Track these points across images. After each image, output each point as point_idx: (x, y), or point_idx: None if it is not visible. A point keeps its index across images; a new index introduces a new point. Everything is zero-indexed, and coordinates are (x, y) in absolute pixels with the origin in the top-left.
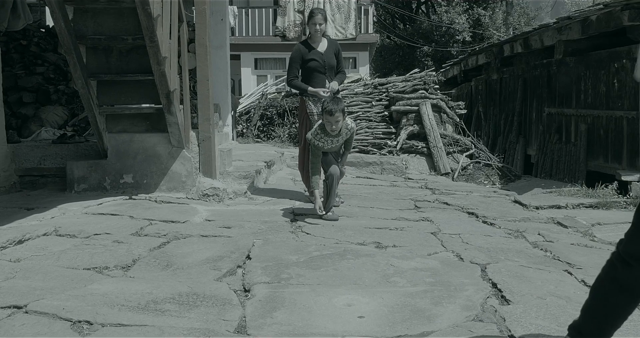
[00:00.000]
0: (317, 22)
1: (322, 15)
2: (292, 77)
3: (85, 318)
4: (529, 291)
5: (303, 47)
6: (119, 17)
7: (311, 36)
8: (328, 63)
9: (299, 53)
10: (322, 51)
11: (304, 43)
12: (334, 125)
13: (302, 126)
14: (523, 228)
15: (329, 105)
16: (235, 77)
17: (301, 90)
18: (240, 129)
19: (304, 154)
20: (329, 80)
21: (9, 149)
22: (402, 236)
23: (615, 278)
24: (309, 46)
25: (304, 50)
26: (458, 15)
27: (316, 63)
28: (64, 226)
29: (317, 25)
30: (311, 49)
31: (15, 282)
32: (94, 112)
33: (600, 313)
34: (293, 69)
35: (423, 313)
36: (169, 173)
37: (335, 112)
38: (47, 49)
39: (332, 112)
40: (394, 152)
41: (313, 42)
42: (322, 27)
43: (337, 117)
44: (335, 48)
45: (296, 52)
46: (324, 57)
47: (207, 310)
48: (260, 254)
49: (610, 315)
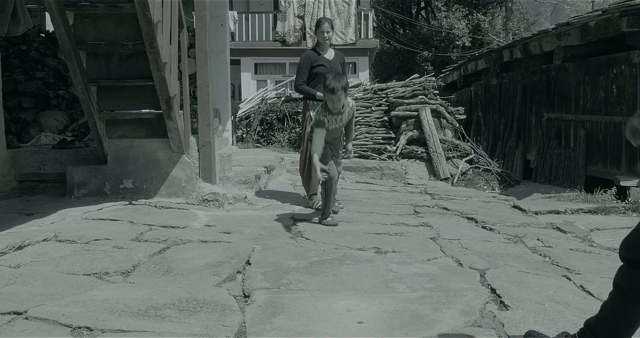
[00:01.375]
0: (324, 30)
1: (329, 24)
2: (300, 82)
3: (85, 324)
4: (528, 296)
5: (312, 53)
6: (119, 22)
7: (319, 44)
8: (335, 70)
9: (308, 59)
10: (330, 58)
11: (312, 50)
12: (335, 103)
13: (304, 129)
14: (522, 234)
15: (332, 83)
16: (235, 82)
17: (309, 96)
18: (240, 134)
19: (305, 158)
20: None
21: (8, 154)
22: (402, 241)
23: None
24: (317, 53)
25: (313, 57)
26: (458, 21)
27: (324, 69)
28: (63, 231)
29: (325, 33)
30: (319, 55)
31: (15, 288)
32: (94, 117)
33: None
34: (302, 74)
35: (422, 319)
36: (169, 178)
37: (337, 90)
38: (47, 54)
39: (334, 90)
40: (394, 157)
41: (321, 50)
42: (330, 34)
43: (339, 95)
44: (341, 58)
45: (305, 58)
46: (331, 64)
47: (207, 315)
48: (260, 260)
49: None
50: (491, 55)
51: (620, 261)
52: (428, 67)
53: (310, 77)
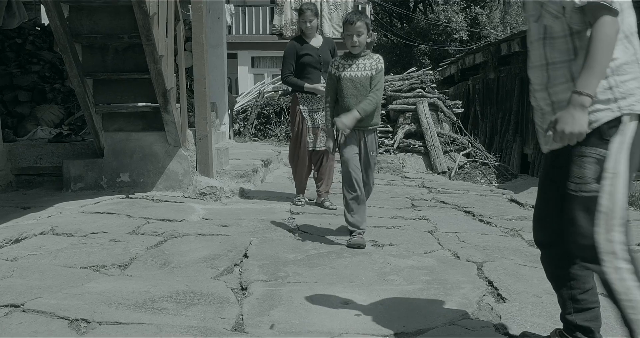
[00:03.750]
0: (307, 20)
1: (311, 11)
2: (287, 74)
3: (83, 316)
4: (525, 289)
5: (296, 42)
6: (115, 15)
7: (303, 32)
8: (323, 58)
9: (292, 49)
10: (316, 46)
11: (297, 39)
12: (354, 38)
13: (293, 123)
14: (519, 227)
15: (349, 15)
16: (232, 75)
17: (297, 87)
18: (237, 127)
19: (294, 149)
20: (325, 76)
21: (5, 148)
22: (399, 234)
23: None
24: (302, 41)
25: (298, 46)
26: (455, 14)
27: (311, 58)
28: (60, 225)
29: (307, 22)
30: (304, 43)
31: (13, 281)
32: (90, 110)
33: None
34: (287, 65)
35: (419, 311)
36: (166, 172)
37: (357, 21)
38: (42, 47)
39: (353, 21)
40: (391, 150)
41: (307, 37)
42: (314, 23)
43: (358, 26)
44: (331, 45)
45: (290, 48)
46: (319, 52)
47: (204, 308)
48: (258, 253)
49: None
50: (489, 48)
51: None
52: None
53: (297, 68)
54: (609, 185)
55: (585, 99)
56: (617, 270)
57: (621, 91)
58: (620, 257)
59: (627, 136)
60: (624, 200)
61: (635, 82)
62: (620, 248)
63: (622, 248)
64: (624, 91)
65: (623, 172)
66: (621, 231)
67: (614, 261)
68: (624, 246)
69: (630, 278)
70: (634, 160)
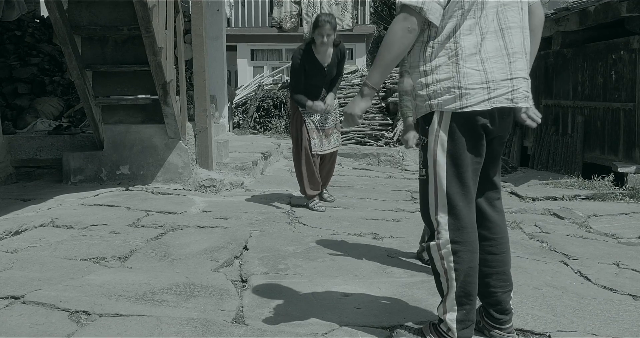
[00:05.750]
0: (324, 33)
1: (330, 25)
2: (296, 90)
3: (83, 308)
4: (526, 281)
5: (306, 56)
6: (114, 7)
7: (314, 44)
8: (329, 77)
9: (302, 66)
10: (326, 65)
11: (307, 51)
12: (325, 38)
13: (292, 125)
14: (519, 220)
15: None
16: (231, 68)
17: (300, 105)
18: (237, 120)
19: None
20: (326, 89)
21: (4, 140)
22: (399, 227)
23: None
24: (312, 58)
25: (307, 63)
26: None
27: (317, 79)
28: (60, 217)
29: (324, 37)
30: (315, 62)
31: (13, 273)
32: (89, 103)
33: None
34: (296, 77)
35: (420, 303)
36: (166, 164)
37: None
38: (41, 39)
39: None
40: (391, 143)
41: (318, 52)
42: (330, 39)
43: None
44: (340, 55)
45: (300, 65)
46: (325, 73)
47: (204, 300)
48: (258, 245)
49: None
50: None
51: (619, 246)
52: None
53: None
54: (432, 172)
55: (365, 88)
56: (434, 248)
57: (434, 89)
58: (442, 237)
59: (440, 131)
60: (449, 187)
61: (449, 82)
62: (444, 229)
63: (444, 230)
64: (437, 89)
65: (442, 162)
66: (444, 215)
67: (437, 241)
68: (447, 228)
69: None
70: (456, 153)
